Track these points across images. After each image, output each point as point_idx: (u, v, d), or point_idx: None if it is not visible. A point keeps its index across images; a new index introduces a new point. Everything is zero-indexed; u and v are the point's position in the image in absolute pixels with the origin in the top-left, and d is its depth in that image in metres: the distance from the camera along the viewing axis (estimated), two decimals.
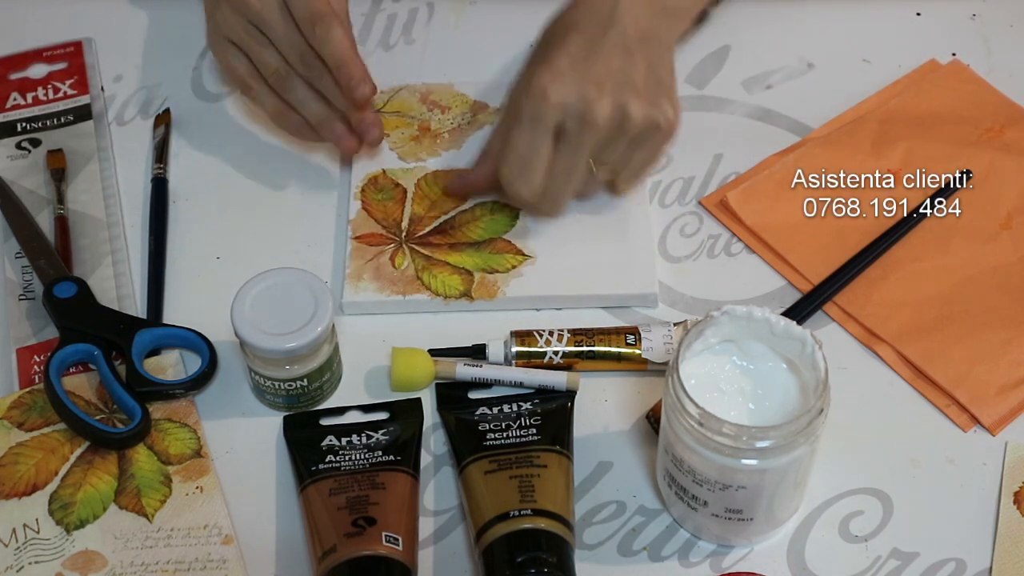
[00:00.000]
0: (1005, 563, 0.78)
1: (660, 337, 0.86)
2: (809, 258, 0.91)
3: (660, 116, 0.87)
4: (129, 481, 0.82)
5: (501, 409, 0.84)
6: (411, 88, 1.01)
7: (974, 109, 0.99)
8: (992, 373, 0.85)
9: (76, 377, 0.86)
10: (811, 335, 0.74)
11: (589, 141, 0.86)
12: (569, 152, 0.86)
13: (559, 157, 0.86)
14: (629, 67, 0.86)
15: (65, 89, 1.03)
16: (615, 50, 0.86)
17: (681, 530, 0.80)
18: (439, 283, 0.90)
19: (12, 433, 0.84)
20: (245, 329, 0.81)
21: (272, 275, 0.83)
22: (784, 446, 0.72)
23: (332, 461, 0.81)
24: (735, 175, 0.97)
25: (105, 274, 0.92)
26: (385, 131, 0.98)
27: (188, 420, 0.85)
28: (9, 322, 0.90)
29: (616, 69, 0.86)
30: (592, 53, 0.86)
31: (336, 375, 0.86)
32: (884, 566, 0.78)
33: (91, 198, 0.96)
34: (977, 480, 0.82)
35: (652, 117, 0.86)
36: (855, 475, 0.82)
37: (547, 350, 0.86)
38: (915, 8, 1.07)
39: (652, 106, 0.86)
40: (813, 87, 1.02)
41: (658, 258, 0.92)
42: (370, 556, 0.75)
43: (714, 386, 0.76)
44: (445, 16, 1.07)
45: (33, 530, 0.80)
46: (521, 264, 0.91)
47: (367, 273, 0.90)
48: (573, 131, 0.85)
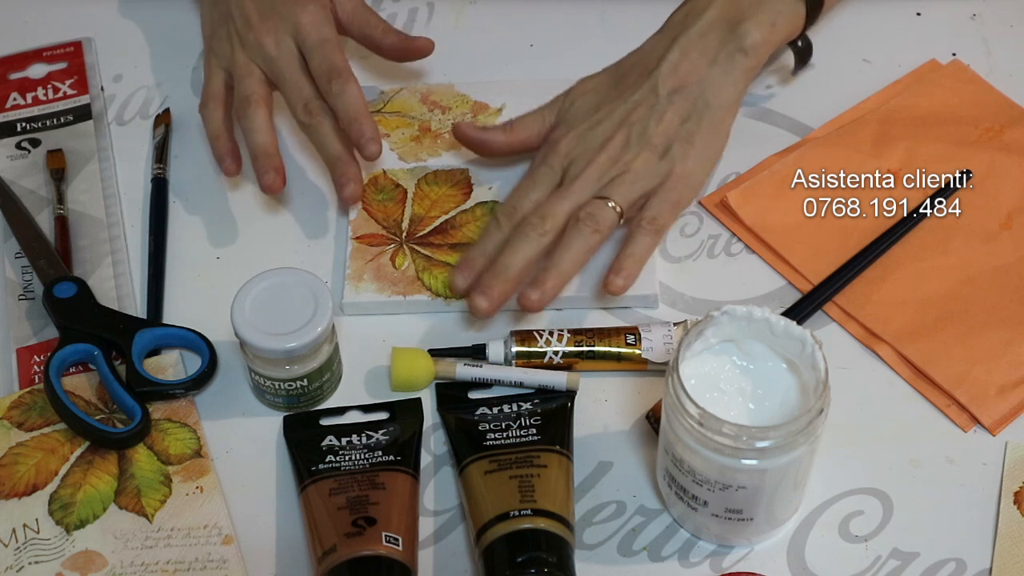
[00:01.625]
0: (1005, 563, 0.78)
1: (660, 337, 0.86)
2: (809, 258, 0.91)
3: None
4: (129, 481, 0.82)
5: (501, 409, 0.84)
6: (411, 88, 1.01)
7: (974, 109, 0.99)
8: (992, 373, 0.85)
9: (76, 377, 0.86)
10: (811, 335, 0.74)
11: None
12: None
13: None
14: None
15: (65, 89, 1.03)
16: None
17: (681, 530, 0.80)
18: (440, 283, 0.90)
19: (12, 433, 0.84)
20: (245, 329, 0.81)
21: (272, 275, 0.83)
22: (784, 446, 0.72)
23: (332, 461, 0.81)
24: (735, 175, 0.97)
25: (105, 274, 0.92)
26: (386, 131, 0.98)
27: (188, 420, 0.85)
28: (9, 322, 0.90)
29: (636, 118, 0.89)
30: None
31: (336, 375, 0.86)
32: (884, 566, 0.78)
33: (91, 198, 0.96)
34: (977, 480, 0.82)
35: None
36: (855, 475, 0.82)
37: (547, 350, 0.86)
38: (915, 8, 1.07)
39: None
40: (813, 87, 1.02)
41: (658, 258, 0.92)
42: (370, 556, 0.75)
43: (714, 386, 0.76)
44: (445, 16, 1.07)
45: (33, 530, 0.80)
46: None
47: (367, 274, 0.90)
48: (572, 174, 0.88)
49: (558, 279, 0.85)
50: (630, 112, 0.89)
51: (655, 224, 0.87)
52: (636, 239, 0.87)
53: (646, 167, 0.88)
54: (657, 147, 0.88)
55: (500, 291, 0.85)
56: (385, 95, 1.01)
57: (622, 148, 0.88)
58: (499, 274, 0.85)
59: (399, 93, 1.01)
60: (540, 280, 0.85)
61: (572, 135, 0.89)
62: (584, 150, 0.88)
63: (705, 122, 0.89)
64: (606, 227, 0.86)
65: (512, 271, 0.85)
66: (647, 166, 0.88)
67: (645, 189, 0.88)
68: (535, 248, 0.86)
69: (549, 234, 0.86)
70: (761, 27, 0.91)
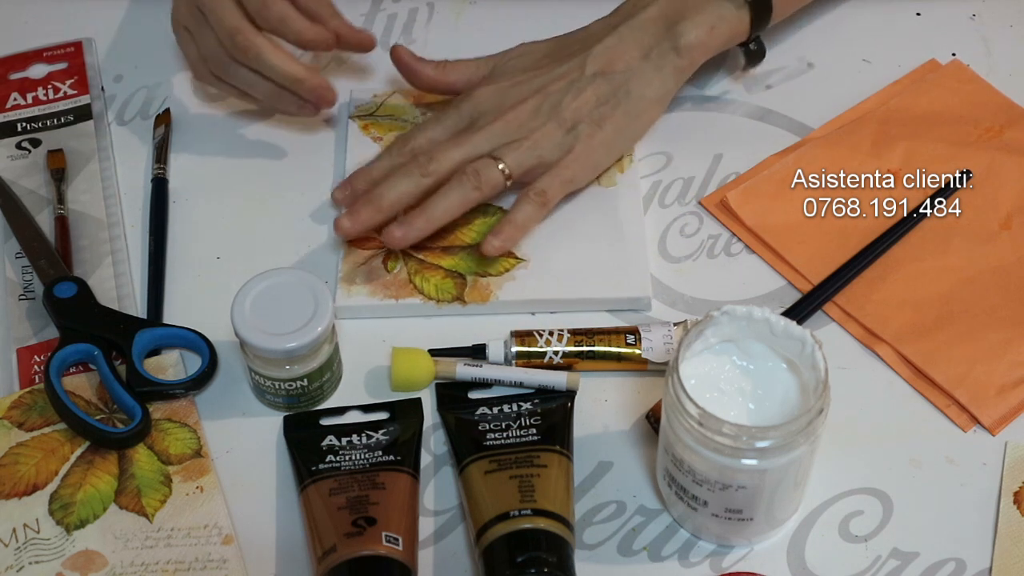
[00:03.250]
0: (1005, 563, 0.78)
1: (660, 337, 0.86)
2: (809, 258, 0.91)
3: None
4: (129, 481, 0.82)
5: (501, 409, 0.84)
6: (403, 91, 1.01)
7: (974, 109, 0.99)
8: (992, 373, 0.85)
9: (76, 377, 0.86)
10: (811, 335, 0.74)
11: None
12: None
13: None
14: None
15: (65, 89, 1.03)
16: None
17: (681, 530, 0.80)
18: (432, 287, 0.90)
19: (12, 433, 0.84)
20: (245, 329, 0.81)
21: (272, 275, 0.83)
22: (784, 446, 0.72)
23: (332, 461, 0.81)
24: (735, 175, 0.97)
25: (105, 274, 0.92)
26: (378, 134, 0.98)
27: (188, 420, 0.85)
28: (9, 322, 0.90)
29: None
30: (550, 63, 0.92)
31: (336, 375, 0.86)
32: (884, 566, 0.78)
33: (91, 198, 0.96)
34: (977, 480, 0.82)
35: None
36: (855, 475, 0.82)
37: (547, 350, 0.86)
38: (915, 8, 1.07)
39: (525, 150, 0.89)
40: (813, 87, 1.02)
41: (658, 258, 0.92)
42: (370, 556, 0.75)
43: (714, 386, 0.76)
44: (445, 16, 1.07)
45: (33, 530, 0.80)
46: (514, 267, 0.90)
47: (360, 277, 0.90)
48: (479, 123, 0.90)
49: (426, 224, 0.88)
50: (551, 82, 0.91)
51: (543, 197, 0.89)
52: (521, 207, 0.89)
53: (548, 138, 0.89)
54: (565, 121, 0.90)
55: (367, 217, 0.88)
56: (377, 98, 1.00)
57: (532, 114, 0.90)
58: (371, 201, 0.88)
59: (391, 97, 1.01)
60: (408, 220, 0.88)
61: (491, 89, 0.91)
62: (495, 106, 0.90)
63: (621, 110, 0.91)
64: (488, 187, 0.88)
65: (384, 201, 0.88)
66: (549, 137, 0.89)
67: (541, 159, 0.89)
68: (413, 186, 0.88)
69: (431, 176, 0.88)
70: (698, 28, 0.92)
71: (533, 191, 0.89)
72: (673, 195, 0.96)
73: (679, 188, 0.96)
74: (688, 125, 0.99)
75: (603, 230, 0.92)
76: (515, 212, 0.89)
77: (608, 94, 0.91)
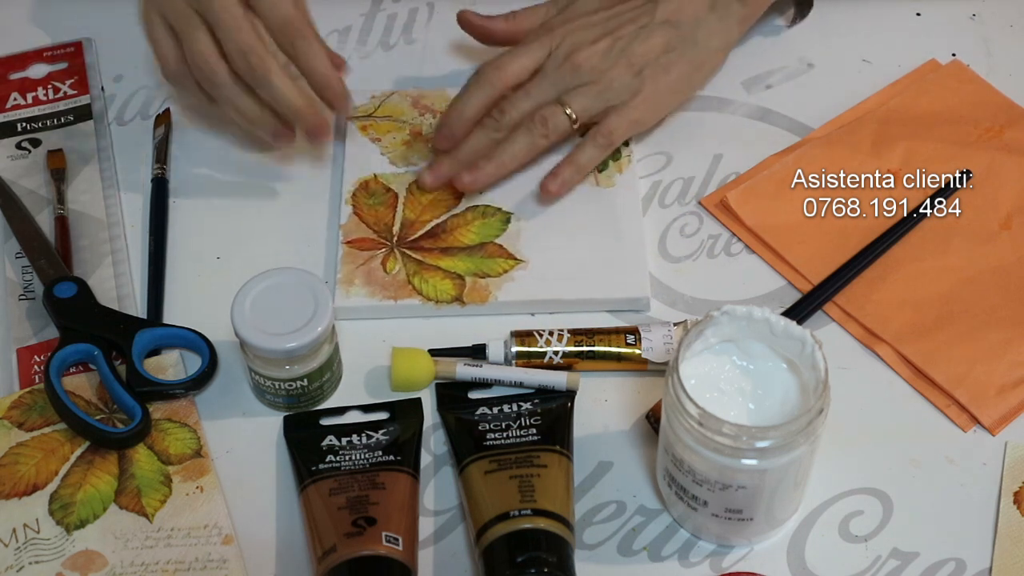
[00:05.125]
0: (1005, 563, 0.78)
1: (660, 337, 0.86)
2: (809, 258, 0.91)
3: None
4: (129, 481, 0.82)
5: (501, 409, 0.84)
6: (402, 93, 1.01)
7: (974, 109, 0.99)
8: (992, 373, 0.85)
9: (76, 377, 0.86)
10: (811, 335, 0.74)
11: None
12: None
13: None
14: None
15: (65, 89, 1.03)
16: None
17: (681, 530, 0.80)
18: (430, 288, 0.90)
19: (12, 433, 0.84)
20: (245, 329, 0.81)
21: (272, 275, 0.83)
22: (784, 446, 0.72)
23: (332, 461, 0.81)
24: (735, 175, 0.97)
25: (105, 274, 0.92)
26: (377, 135, 0.98)
27: (188, 420, 0.85)
28: (9, 322, 0.90)
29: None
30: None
31: (336, 375, 0.86)
32: (884, 566, 0.78)
33: (91, 198, 0.96)
34: (977, 480, 0.82)
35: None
36: (855, 475, 0.82)
37: (547, 350, 0.86)
38: (915, 8, 1.07)
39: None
40: (813, 87, 1.02)
41: (658, 258, 0.92)
42: (370, 556, 0.75)
43: (714, 386, 0.76)
44: (445, 16, 1.07)
45: (33, 530, 0.80)
46: (513, 268, 0.90)
47: (358, 278, 0.90)
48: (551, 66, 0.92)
49: (496, 170, 0.91)
50: (621, 25, 0.92)
51: (609, 138, 0.92)
52: (585, 149, 0.92)
53: (618, 80, 0.91)
54: (634, 64, 0.91)
55: (447, 170, 0.92)
56: (376, 99, 1.00)
57: (603, 56, 0.91)
58: (452, 157, 0.92)
59: (390, 98, 1.01)
60: (479, 165, 0.91)
61: (567, 26, 0.93)
62: (572, 43, 0.92)
63: (687, 58, 0.93)
64: (555, 133, 0.91)
65: (462, 155, 0.92)
66: (619, 79, 0.91)
67: (609, 103, 0.91)
68: (487, 142, 0.92)
69: (503, 131, 0.91)
70: None
71: (600, 133, 0.91)
72: (673, 195, 0.96)
73: (679, 188, 0.96)
74: (688, 125, 0.99)
75: (602, 230, 0.92)
76: (578, 154, 0.91)
77: (676, 41, 0.93)
